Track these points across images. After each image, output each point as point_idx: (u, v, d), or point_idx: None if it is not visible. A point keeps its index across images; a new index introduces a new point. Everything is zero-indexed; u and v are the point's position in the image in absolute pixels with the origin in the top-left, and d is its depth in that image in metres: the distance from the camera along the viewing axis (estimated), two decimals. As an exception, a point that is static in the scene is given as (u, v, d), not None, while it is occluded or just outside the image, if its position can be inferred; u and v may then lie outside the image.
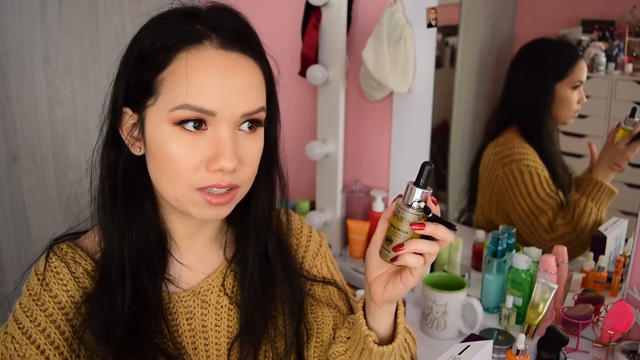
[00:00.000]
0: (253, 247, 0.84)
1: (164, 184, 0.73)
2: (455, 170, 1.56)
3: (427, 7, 1.39)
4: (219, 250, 0.86)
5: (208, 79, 0.69)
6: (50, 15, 1.52)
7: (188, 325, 0.82)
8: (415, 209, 0.68)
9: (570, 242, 1.32)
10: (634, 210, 1.17)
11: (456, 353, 0.78)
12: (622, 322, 1.12)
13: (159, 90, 0.70)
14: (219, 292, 0.84)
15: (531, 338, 1.19)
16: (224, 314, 0.84)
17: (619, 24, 1.24)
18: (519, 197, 1.37)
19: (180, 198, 0.73)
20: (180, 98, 0.68)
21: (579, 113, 1.30)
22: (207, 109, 0.69)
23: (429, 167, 0.67)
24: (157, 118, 0.70)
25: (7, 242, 1.57)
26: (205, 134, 0.70)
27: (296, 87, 1.74)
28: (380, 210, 1.57)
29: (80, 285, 0.76)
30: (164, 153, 0.70)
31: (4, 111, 1.50)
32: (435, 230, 0.67)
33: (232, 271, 0.86)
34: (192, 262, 0.84)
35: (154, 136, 0.71)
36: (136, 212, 0.77)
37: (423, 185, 0.68)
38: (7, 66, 1.49)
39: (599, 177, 1.27)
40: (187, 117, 0.69)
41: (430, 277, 1.30)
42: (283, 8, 1.72)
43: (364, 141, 1.64)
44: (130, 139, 0.75)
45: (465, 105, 1.52)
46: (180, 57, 0.69)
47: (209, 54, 0.70)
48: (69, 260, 0.77)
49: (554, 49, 1.33)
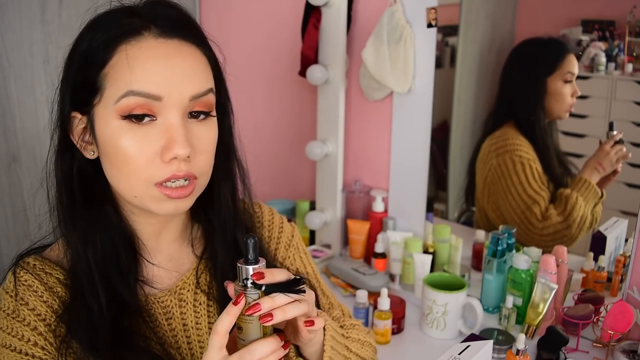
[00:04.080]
0: (221, 242, 0.83)
1: (122, 182, 0.72)
2: (455, 170, 1.56)
3: (427, 7, 1.39)
4: (188, 247, 0.85)
5: (151, 64, 0.68)
6: (50, 15, 1.52)
7: (168, 325, 0.81)
8: (251, 288, 0.63)
9: (559, 232, 1.34)
10: (634, 210, 1.17)
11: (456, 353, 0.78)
12: (622, 322, 1.12)
13: (103, 86, 0.69)
14: (195, 290, 0.83)
15: (531, 338, 1.19)
16: (203, 311, 0.84)
17: (619, 24, 1.24)
18: (511, 187, 1.39)
19: (139, 194, 0.71)
20: (125, 86, 0.68)
21: (580, 113, 1.30)
22: (153, 93, 0.68)
23: (252, 241, 0.63)
24: (105, 115, 0.69)
25: (7, 242, 1.57)
26: (154, 125, 0.69)
27: (296, 87, 1.74)
28: (380, 210, 1.57)
29: (56, 294, 0.75)
30: (116, 149, 0.69)
31: (4, 111, 1.50)
32: (272, 304, 0.63)
33: (205, 267, 0.85)
34: (163, 261, 0.82)
35: (104, 134, 0.70)
36: (98, 217, 0.76)
37: (253, 260, 0.64)
38: (7, 66, 1.49)
39: (585, 176, 1.30)
40: (133, 104, 0.68)
41: (430, 277, 1.30)
42: (283, 8, 1.72)
43: (364, 141, 1.64)
44: (81, 143, 0.73)
45: (465, 105, 1.52)
46: (120, 50, 0.69)
47: (148, 43, 0.69)
48: (39, 272, 0.75)
49: (542, 45, 1.35)
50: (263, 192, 2.00)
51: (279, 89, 1.82)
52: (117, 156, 0.70)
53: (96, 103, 0.70)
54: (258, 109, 1.89)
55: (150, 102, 0.68)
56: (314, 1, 1.48)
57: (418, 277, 1.39)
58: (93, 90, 0.70)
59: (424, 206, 1.51)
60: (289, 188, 1.88)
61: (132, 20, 0.70)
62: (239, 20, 1.86)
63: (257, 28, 1.82)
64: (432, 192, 1.55)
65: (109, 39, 0.70)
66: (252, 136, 1.93)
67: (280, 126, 1.85)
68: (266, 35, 1.80)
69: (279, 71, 1.80)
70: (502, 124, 1.42)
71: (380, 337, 1.25)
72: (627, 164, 1.25)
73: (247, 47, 1.86)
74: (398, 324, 1.29)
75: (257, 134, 1.91)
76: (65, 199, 0.75)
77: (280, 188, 1.88)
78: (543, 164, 1.37)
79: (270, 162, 1.90)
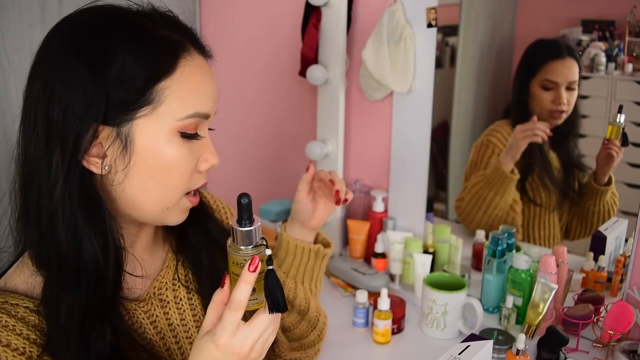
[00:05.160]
0: (193, 230, 0.86)
1: (155, 194, 0.70)
2: (455, 170, 1.56)
3: (427, 7, 1.39)
4: (158, 247, 0.85)
5: (205, 84, 0.72)
6: (50, 15, 1.52)
7: (154, 329, 0.80)
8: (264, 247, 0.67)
9: (459, 209, 1.50)
10: (634, 210, 1.17)
11: (456, 353, 0.78)
12: (622, 322, 1.12)
13: (159, 99, 0.67)
14: (172, 287, 0.84)
15: (531, 338, 1.19)
16: (186, 306, 0.85)
17: (619, 24, 1.24)
18: (469, 162, 1.47)
19: (172, 205, 0.73)
20: (191, 107, 0.70)
21: (580, 113, 1.30)
22: (206, 113, 0.73)
23: (247, 201, 0.65)
24: (155, 127, 0.68)
25: (7, 243, 1.56)
26: (195, 137, 0.73)
27: (296, 87, 1.74)
28: (380, 210, 1.57)
29: (29, 323, 0.68)
30: (162, 161, 0.69)
31: (4, 111, 1.50)
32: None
33: (178, 261, 0.86)
34: (136, 268, 0.79)
35: (148, 146, 0.68)
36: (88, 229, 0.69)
37: (248, 221, 0.66)
38: (7, 66, 1.49)
39: (499, 164, 1.37)
40: (193, 123, 0.71)
41: (430, 277, 1.30)
42: (283, 8, 1.72)
43: (364, 141, 1.64)
44: (91, 158, 0.68)
45: (465, 105, 1.52)
46: (182, 64, 0.70)
47: (199, 60, 0.73)
48: (3, 305, 0.68)
49: (534, 47, 1.36)
50: (263, 192, 2.01)
51: (279, 89, 1.82)
52: (161, 168, 0.70)
53: (141, 115, 0.67)
54: (258, 109, 1.89)
55: (201, 121, 0.72)
56: (314, 1, 1.48)
57: (418, 277, 1.39)
58: (140, 102, 0.67)
59: (424, 206, 1.51)
60: (289, 188, 1.88)
61: (174, 35, 0.71)
62: (238, 20, 1.86)
63: (256, 28, 1.82)
64: (432, 192, 1.55)
65: (167, 50, 0.69)
66: (252, 136, 1.93)
67: (280, 126, 1.85)
68: (266, 35, 1.80)
69: (279, 71, 1.79)
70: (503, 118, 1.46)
71: (380, 337, 1.25)
72: (627, 164, 1.25)
73: (247, 47, 1.86)
74: (398, 324, 1.29)
75: (257, 134, 1.90)
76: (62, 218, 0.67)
77: (280, 188, 1.88)
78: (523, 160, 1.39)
79: (270, 162, 1.90)
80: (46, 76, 0.67)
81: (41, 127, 0.67)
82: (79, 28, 0.68)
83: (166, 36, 0.70)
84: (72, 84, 0.65)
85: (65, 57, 0.66)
